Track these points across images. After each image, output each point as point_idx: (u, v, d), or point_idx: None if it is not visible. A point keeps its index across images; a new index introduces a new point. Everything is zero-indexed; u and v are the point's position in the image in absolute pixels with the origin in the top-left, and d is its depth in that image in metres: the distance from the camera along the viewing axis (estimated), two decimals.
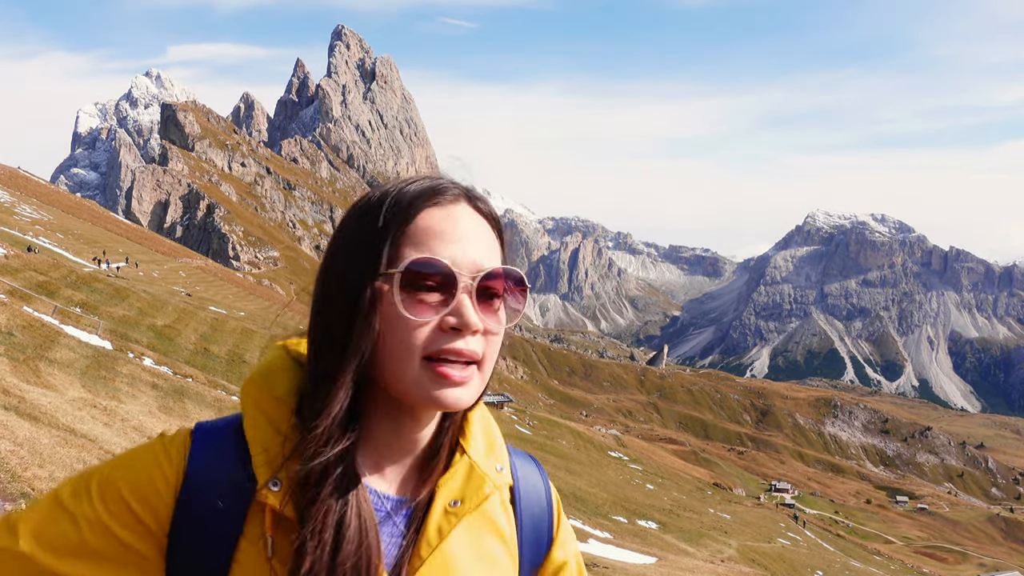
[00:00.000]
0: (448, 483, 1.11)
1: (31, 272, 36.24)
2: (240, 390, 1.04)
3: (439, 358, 1.00)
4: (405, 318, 0.99)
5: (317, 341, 1.04)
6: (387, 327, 1.00)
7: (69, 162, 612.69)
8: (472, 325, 1.00)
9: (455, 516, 1.10)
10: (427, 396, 1.00)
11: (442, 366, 1.00)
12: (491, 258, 1.06)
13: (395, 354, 1.00)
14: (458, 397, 1.01)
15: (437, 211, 1.04)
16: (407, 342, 0.99)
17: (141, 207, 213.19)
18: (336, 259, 1.04)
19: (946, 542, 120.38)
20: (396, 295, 0.99)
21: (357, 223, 1.04)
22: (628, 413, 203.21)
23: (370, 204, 1.05)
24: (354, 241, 1.03)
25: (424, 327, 0.99)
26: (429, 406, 1.02)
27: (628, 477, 66.34)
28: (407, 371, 1.00)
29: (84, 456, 9.86)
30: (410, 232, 1.01)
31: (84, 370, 21.14)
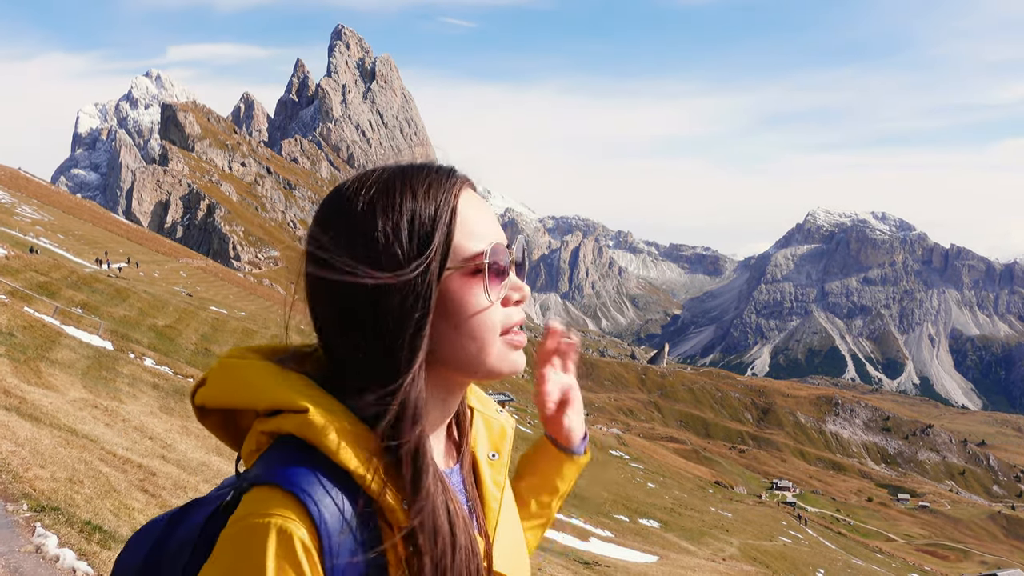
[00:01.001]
0: (477, 440, 1.21)
1: (32, 273, 36.24)
2: (297, 427, 0.98)
3: (509, 331, 1.07)
4: (485, 301, 1.03)
5: (366, 340, 1.00)
6: (464, 312, 1.03)
7: (69, 163, 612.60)
8: (528, 295, 1.10)
9: (501, 466, 1.20)
10: (509, 366, 1.07)
11: (512, 336, 1.07)
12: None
13: (478, 336, 1.03)
14: (523, 360, 1.09)
15: (468, 192, 1.08)
16: (490, 323, 1.04)
17: (141, 207, 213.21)
18: (384, 247, 1.00)
19: (947, 540, 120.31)
20: (486, 283, 1.03)
21: (401, 209, 1.02)
22: (629, 412, 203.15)
23: (404, 190, 1.03)
24: (406, 229, 1.01)
25: (496, 306, 1.05)
26: (508, 374, 1.07)
27: (629, 476, 66.37)
28: (491, 349, 1.04)
29: (86, 456, 9.85)
30: (459, 223, 1.04)
31: (85, 370, 21.14)
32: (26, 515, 6.60)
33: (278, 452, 0.99)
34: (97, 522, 6.94)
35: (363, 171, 1.07)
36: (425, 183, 1.04)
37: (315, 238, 1.03)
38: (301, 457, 0.97)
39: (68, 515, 6.83)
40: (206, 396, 1.07)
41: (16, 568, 5.63)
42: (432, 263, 1.00)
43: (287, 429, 0.99)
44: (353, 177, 1.06)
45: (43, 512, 6.73)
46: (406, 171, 1.06)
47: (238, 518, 0.94)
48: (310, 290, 1.04)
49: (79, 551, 6.07)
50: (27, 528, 6.35)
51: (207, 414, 1.09)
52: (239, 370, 1.05)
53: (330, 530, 0.93)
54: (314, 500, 0.93)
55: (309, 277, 1.04)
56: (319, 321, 1.05)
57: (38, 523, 6.46)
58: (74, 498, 7.53)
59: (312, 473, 0.95)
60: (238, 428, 1.08)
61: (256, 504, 0.93)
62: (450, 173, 1.07)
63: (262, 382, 1.02)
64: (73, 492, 7.74)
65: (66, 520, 6.70)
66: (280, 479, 0.94)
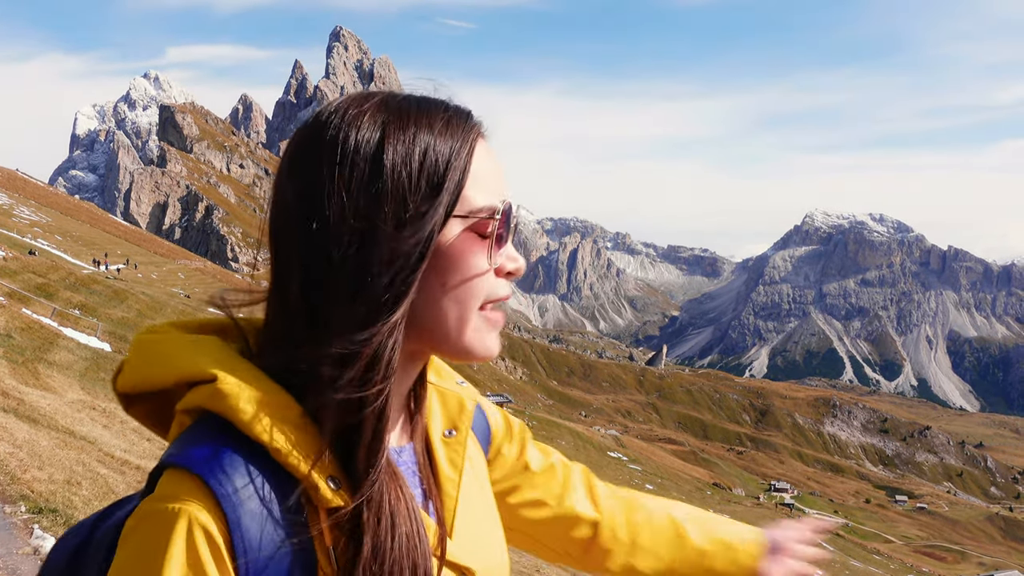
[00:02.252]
0: (431, 417, 1.05)
1: (30, 274, 36.24)
2: (206, 399, 0.84)
3: (489, 304, 0.92)
4: (481, 264, 0.89)
5: (331, 297, 0.84)
6: (456, 270, 0.88)
7: (67, 164, 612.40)
8: (523, 268, 0.94)
9: (459, 444, 1.04)
10: (482, 347, 0.92)
11: (491, 313, 0.92)
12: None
13: (462, 300, 0.89)
14: (497, 344, 0.95)
15: (483, 144, 0.93)
16: (478, 289, 0.89)
17: (140, 209, 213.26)
18: (387, 187, 0.84)
19: (945, 541, 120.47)
20: (491, 243, 0.89)
21: (411, 149, 0.86)
22: (627, 413, 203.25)
23: (418, 126, 0.87)
24: (415, 172, 0.85)
25: (489, 273, 0.90)
26: (479, 356, 0.92)
27: (627, 477, 66.39)
28: (467, 320, 0.90)
29: (84, 458, 9.86)
30: (474, 172, 0.89)
31: (83, 372, 21.15)
32: (24, 517, 6.61)
33: (191, 430, 0.85)
34: None
35: (361, 93, 0.91)
36: (444, 118, 0.89)
37: (297, 161, 0.88)
38: (213, 434, 0.83)
39: (66, 517, 6.84)
40: (126, 381, 0.93)
41: (14, 570, 5.64)
42: (439, 207, 0.85)
43: (197, 402, 0.85)
44: (348, 98, 0.90)
45: (41, 514, 6.73)
46: (421, 102, 0.90)
47: (142, 506, 0.82)
48: (278, 221, 0.90)
49: None
50: (25, 530, 6.36)
51: (132, 402, 0.95)
52: (152, 345, 0.91)
53: (242, 519, 0.79)
54: (223, 483, 0.79)
55: (280, 205, 0.89)
56: (278, 262, 0.90)
57: (36, 525, 6.47)
58: (72, 500, 7.54)
59: (224, 451, 0.81)
60: (165, 416, 0.93)
61: (161, 489, 0.81)
62: (469, 115, 0.93)
63: (170, 353, 0.89)
64: (71, 494, 7.75)
65: (64, 522, 6.70)
66: (185, 459, 0.81)
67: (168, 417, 0.92)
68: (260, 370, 0.86)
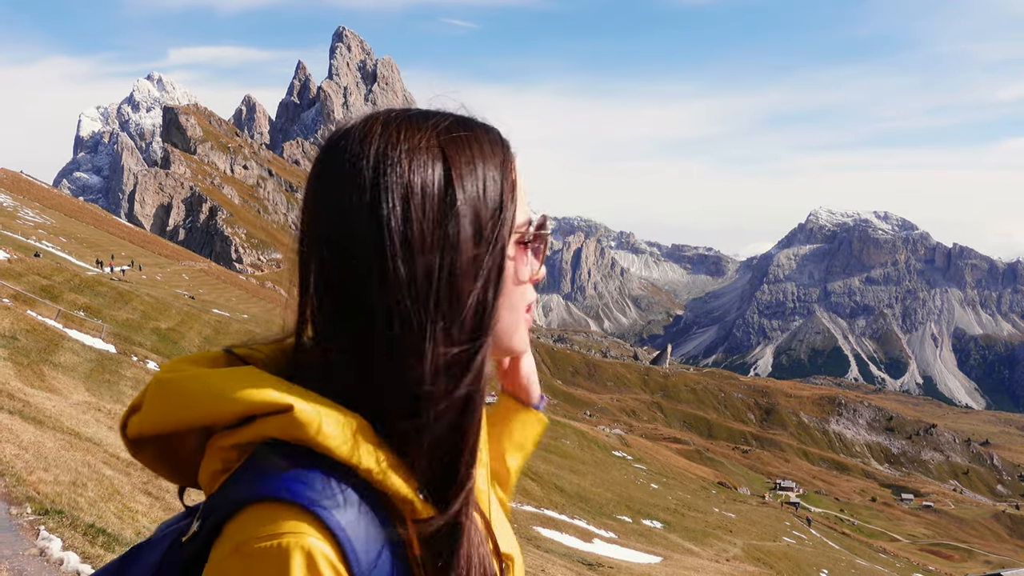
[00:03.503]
0: None
1: (34, 276, 36.31)
2: (282, 429, 0.83)
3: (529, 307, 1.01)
4: (527, 274, 0.97)
5: (421, 323, 0.85)
6: (508, 283, 0.93)
7: (71, 166, 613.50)
8: (544, 275, 1.01)
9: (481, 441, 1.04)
10: (522, 344, 1.00)
11: (528, 314, 1.00)
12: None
13: (513, 309, 0.96)
14: (529, 339, 1.04)
15: (516, 162, 0.97)
16: (525, 296, 0.98)
17: (144, 210, 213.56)
18: (468, 206, 0.87)
19: (952, 539, 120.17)
20: (530, 256, 0.97)
21: (476, 171, 0.89)
22: (632, 412, 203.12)
23: (473, 156, 0.90)
24: (483, 191, 0.89)
25: (530, 283, 0.98)
26: (523, 352, 1.02)
27: (632, 477, 66.32)
28: (520, 326, 0.98)
29: (89, 459, 9.87)
30: (515, 191, 0.95)
31: (88, 374, 21.18)
32: (30, 518, 6.61)
33: (264, 462, 0.83)
34: (101, 525, 6.95)
35: (401, 118, 0.92)
36: (489, 139, 0.94)
37: (356, 209, 0.86)
38: (298, 463, 0.81)
39: (72, 518, 6.84)
40: (144, 423, 0.89)
41: (20, 572, 5.64)
42: (505, 225, 0.90)
43: (269, 434, 0.83)
44: (395, 127, 0.91)
45: (47, 515, 6.74)
46: (467, 125, 0.93)
47: (235, 545, 0.78)
48: (344, 267, 0.86)
49: (83, 554, 6.08)
50: (31, 531, 6.36)
51: (143, 446, 0.91)
52: (190, 382, 0.87)
53: (354, 542, 0.79)
54: (329, 510, 0.78)
55: (342, 250, 0.86)
56: (349, 306, 0.86)
57: (42, 526, 6.47)
58: (78, 501, 7.54)
59: (319, 478, 0.80)
60: (177, 457, 0.92)
61: (257, 525, 0.78)
62: (501, 134, 0.97)
63: (225, 387, 0.85)
64: (77, 495, 7.75)
65: (70, 523, 6.71)
66: (282, 491, 0.79)
67: (178, 459, 0.91)
68: (320, 395, 0.86)
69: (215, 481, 0.86)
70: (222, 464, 0.86)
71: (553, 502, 35.87)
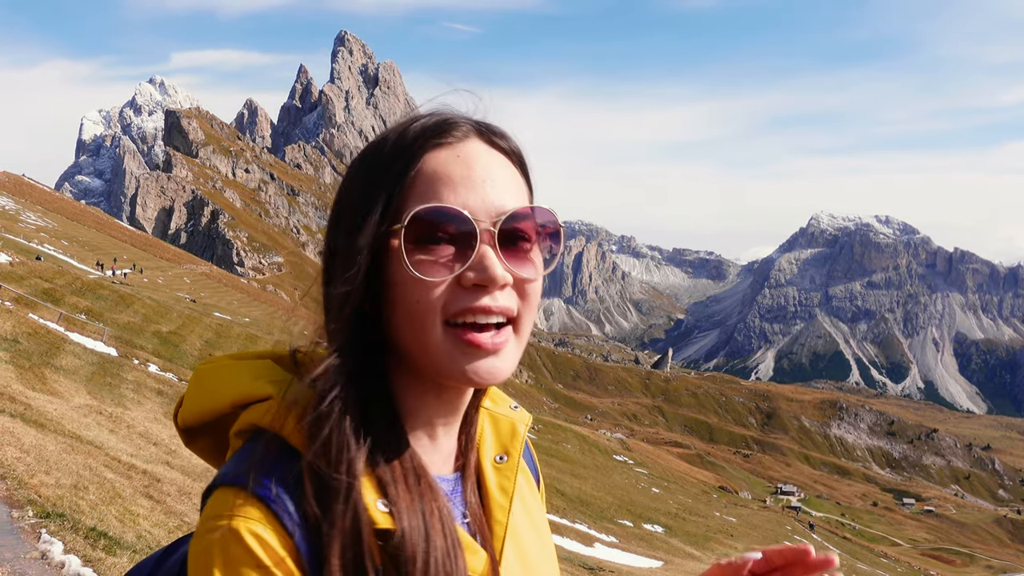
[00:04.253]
0: (483, 443, 1.05)
1: (36, 279, 36.35)
2: (261, 416, 0.87)
3: (465, 322, 0.87)
4: (415, 276, 0.85)
5: (325, 304, 0.91)
6: (400, 289, 0.87)
7: (73, 169, 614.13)
8: (498, 279, 0.86)
9: (510, 470, 1.04)
10: (458, 371, 0.87)
11: (469, 332, 0.86)
12: (516, 199, 0.91)
13: (413, 318, 0.87)
14: (492, 368, 0.88)
15: (444, 152, 0.90)
16: (423, 302, 0.86)
17: (145, 214, 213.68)
18: (339, 213, 0.91)
19: (953, 544, 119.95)
20: (402, 252, 0.85)
21: (358, 172, 0.92)
22: (633, 417, 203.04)
23: (370, 150, 0.93)
24: (355, 192, 0.90)
25: (440, 285, 0.86)
26: (460, 382, 0.89)
27: (633, 481, 66.26)
28: (430, 339, 0.87)
29: (90, 463, 9.87)
30: (416, 179, 0.88)
31: (89, 377, 21.18)
32: (31, 521, 6.62)
33: (242, 450, 0.88)
34: (102, 528, 6.95)
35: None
36: (403, 131, 0.92)
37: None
38: (266, 450, 0.85)
39: (73, 521, 6.84)
40: (187, 414, 0.96)
41: (22, 574, 5.64)
42: (368, 219, 0.87)
43: (252, 421, 0.88)
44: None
45: (48, 518, 6.74)
46: (405, 119, 0.95)
47: (197, 529, 0.84)
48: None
49: (84, 557, 6.08)
50: (32, 534, 6.37)
51: (195, 436, 0.98)
52: (209, 373, 0.94)
53: (298, 530, 0.81)
54: (275, 496, 0.81)
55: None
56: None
57: (43, 529, 6.48)
58: (79, 504, 7.55)
59: (275, 465, 0.83)
60: (226, 448, 0.96)
61: (215, 508, 0.83)
62: (442, 123, 0.93)
63: (226, 378, 0.92)
64: (78, 498, 7.75)
65: (71, 526, 6.71)
66: (234, 477, 0.83)
67: (226, 449, 0.95)
68: (311, 389, 0.87)
69: None
70: (232, 452, 0.91)
71: (554, 506, 35.83)
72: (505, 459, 1.04)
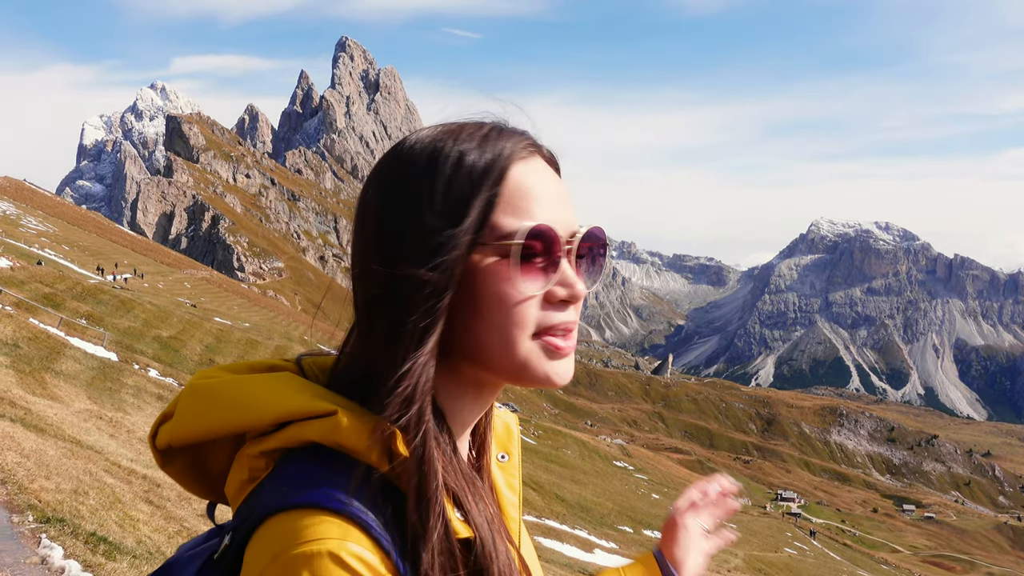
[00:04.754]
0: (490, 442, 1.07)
1: (37, 284, 36.38)
2: (323, 433, 0.82)
3: (547, 332, 0.88)
4: (515, 292, 0.85)
5: (381, 326, 0.85)
6: (487, 301, 0.85)
7: (75, 174, 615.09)
8: (580, 295, 0.90)
9: (512, 467, 1.07)
10: (542, 374, 0.88)
11: (552, 339, 0.88)
12: (574, 215, 0.93)
13: (501, 331, 0.86)
14: (568, 369, 0.91)
15: (524, 167, 0.89)
16: (517, 318, 0.86)
17: (146, 219, 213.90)
18: (403, 226, 0.85)
19: (953, 551, 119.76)
20: (513, 268, 0.85)
21: (429, 183, 0.85)
22: (633, 422, 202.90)
23: (445, 161, 0.86)
24: (432, 205, 0.84)
25: (533, 300, 0.87)
26: (541, 383, 0.89)
27: (633, 487, 66.18)
28: (516, 348, 0.87)
29: (91, 467, 9.87)
30: (505, 194, 0.86)
31: (90, 381, 21.18)
32: (32, 526, 6.62)
33: (300, 467, 0.82)
34: (102, 533, 6.95)
35: (422, 129, 0.92)
36: (477, 143, 0.88)
37: (359, 199, 0.91)
38: (336, 468, 0.80)
39: (73, 526, 6.84)
40: (176, 431, 0.88)
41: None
42: (463, 236, 0.84)
43: (309, 437, 0.82)
44: (412, 133, 0.92)
45: (48, 523, 6.74)
46: (461, 129, 0.89)
47: (273, 554, 0.75)
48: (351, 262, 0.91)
49: (84, 563, 6.08)
50: (32, 539, 6.37)
51: (172, 458, 0.91)
52: (226, 388, 0.87)
53: (392, 547, 0.78)
54: (368, 515, 0.77)
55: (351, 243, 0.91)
56: (355, 304, 0.91)
57: (43, 534, 6.48)
58: (79, 509, 7.55)
59: (356, 483, 0.79)
60: (207, 469, 0.91)
61: (295, 533, 0.75)
62: (512, 134, 0.91)
63: (263, 392, 0.86)
64: (78, 503, 7.76)
65: (71, 531, 6.71)
66: (320, 498, 0.77)
67: (209, 471, 0.91)
68: (354, 402, 0.85)
69: (242, 492, 0.85)
70: (249, 474, 0.85)
71: (554, 512, 35.77)
72: (506, 458, 1.07)
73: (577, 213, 1.08)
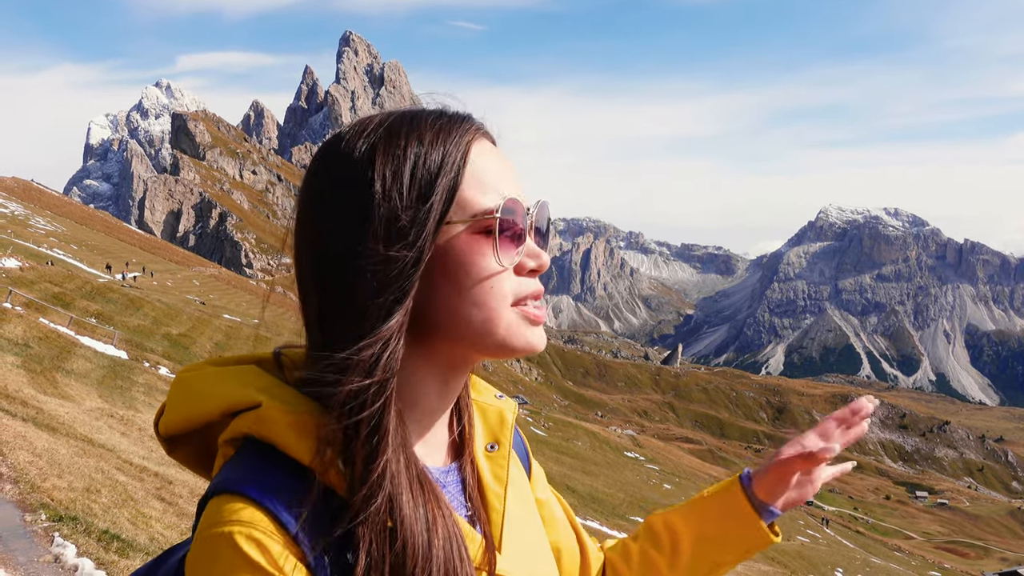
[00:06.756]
0: (474, 433, 1.06)
1: (47, 284, 36.49)
2: (251, 425, 0.86)
3: (522, 301, 0.92)
4: (494, 265, 0.89)
5: (340, 305, 0.86)
6: (468, 275, 0.88)
7: (82, 173, 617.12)
8: (547, 264, 0.95)
9: (501, 458, 1.06)
10: (523, 342, 0.92)
11: (528, 309, 0.92)
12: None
13: (483, 304, 0.89)
14: (543, 337, 0.95)
15: (479, 146, 0.93)
16: (499, 291, 0.89)
17: (154, 217, 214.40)
18: (355, 214, 0.86)
19: (967, 537, 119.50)
20: (495, 241, 0.88)
21: (393, 164, 0.88)
22: (643, 413, 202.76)
23: (407, 141, 0.89)
24: (398, 186, 0.86)
25: (508, 272, 0.90)
26: (523, 352, 0.93)
27: (645, 477, 66.12)
28: (498, 319, 0.90)
29: (103, 466, 9.89)
30: (469, 172, 0.90)
31: (100, 380, 21.23)
32: (44, 525, 6.62)
33: (235, 458, 0.87)
34: (115, 531, 6.95)
35: (365, 117, 0.96)
36: (435, 127, 0.91)
37: (305, 184, 0.93)
38: (259, 457, 0.85)
39: (86, 525, 6.85)
40: (169, 422, 0.94)
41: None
42: (431, 214, 0.86)
43: (242, 429, 0.87)
44: (353, 122, 0.96)
45: (61, 522, 6.74)
46: (415, 115, 0.94)
47: (196, 536, 0.83)
48: (295, 244, 0.93)
49: (97, 560, 6.08)
50: (45, 538, 6.37)
51: (177, 445, 0.97)
52: (192, 381, 0.93)
53: (299, 532, 0.81)
54: (271, 499, 0.81)
55: (295, 228, 0.93)
56: (299, 289, 0.92)
57: (56, 533, 6.48)
58: (92, 507, 7.55)
59: (269, 472, 0.83)
60: (211, 455, 0.95)
61: (212, 515, 0.82)
62: (464, 119, 0.94)
63: (211, 385, 0.91)
64: (91, 501, 7.76)
65: (84, 530, 6.71)
66: (230, 484, 0.83)
67: (208, 456, 0.95)
68: (301, 393, 0.88)
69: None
70: (222, 460, 0.90)
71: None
72: (496, 448, 1.06)
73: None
